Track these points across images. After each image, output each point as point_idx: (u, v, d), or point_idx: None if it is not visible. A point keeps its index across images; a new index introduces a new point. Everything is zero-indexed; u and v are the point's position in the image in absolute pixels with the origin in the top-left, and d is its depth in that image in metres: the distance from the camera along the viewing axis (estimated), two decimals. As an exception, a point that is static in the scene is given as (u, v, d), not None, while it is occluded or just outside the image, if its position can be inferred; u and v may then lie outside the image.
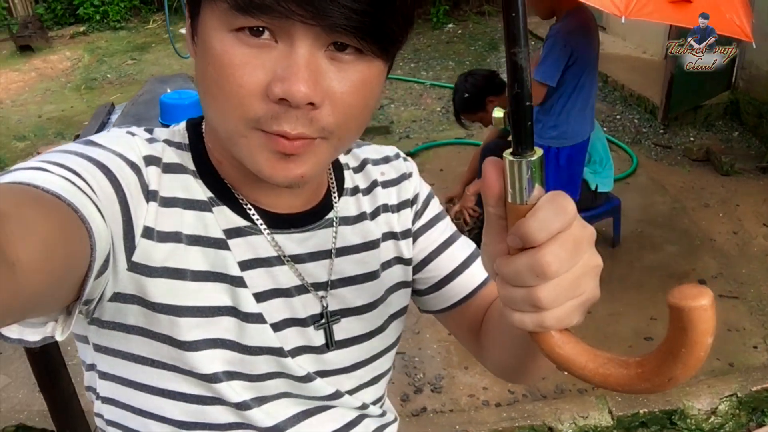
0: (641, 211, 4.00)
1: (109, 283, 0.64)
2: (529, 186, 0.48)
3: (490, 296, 0.89)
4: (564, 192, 0.49)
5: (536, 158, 0.48)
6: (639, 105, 5.45)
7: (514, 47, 0.46)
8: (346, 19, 0.56)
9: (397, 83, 6.59)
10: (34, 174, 0.54)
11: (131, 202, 0.64)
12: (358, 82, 0.62)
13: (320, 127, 0.62)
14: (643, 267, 3.47)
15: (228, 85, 0.59)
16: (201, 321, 0.69)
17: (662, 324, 2.76)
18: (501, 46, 7.73)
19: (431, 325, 3.08)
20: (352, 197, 0.85)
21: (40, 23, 8.76)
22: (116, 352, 0.70)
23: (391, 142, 5.17)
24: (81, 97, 6.69)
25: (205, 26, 0.61)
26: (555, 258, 0.47)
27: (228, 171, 0.74)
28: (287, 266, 0.76)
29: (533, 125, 0.48)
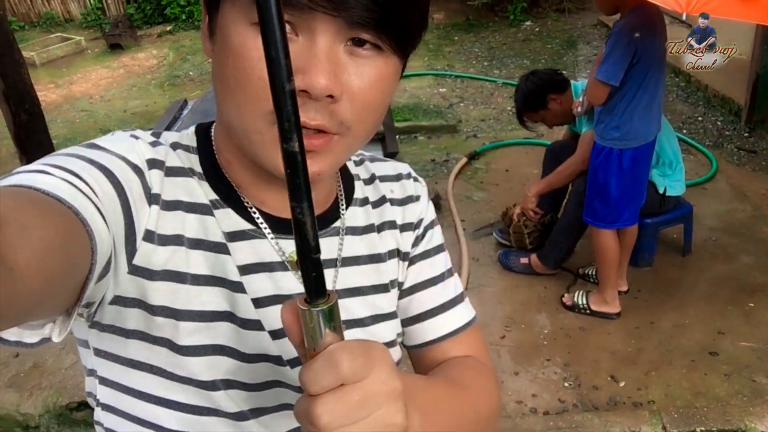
0: (717, 218, 3.78)
1: (110, 287, 0.64)
2: (320, 334, 0.48)
3: (449, 353, 0.87)
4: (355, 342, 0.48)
5: (325, 307, 0.48)
6: (723, 106, 5.16)
7: (294, 201, 0.45)
8: (368, 11, 0.57)
9: (468, 82, 6.52)
10: (35, 177, 0.55)
11: (133, 206, 0.64)
12: (376, 77, 0.62)
13: (339, 121, 0.62)
14: (714, 277, 3.28)
15: (247, 77, 0.60)
16: (200, 326, 0.69)
17: (730, 338, 2.64)
18: (579, 43, 7.51)
19: (484, 328, 3.02)
20: (361, 208, 0.84)
21: (129, 22, 9.23)
22: (116, 357, 0.70)
23: (458, 141, 5.12)
24: (164, 93, 6.99)
25: (225, 21, 0.61)
26: (325, 412, 0.46)
27: (237, 171, 0.73)
28: (291, 272, 0.75)
29: (322, 274, 0.48)
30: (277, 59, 0.42)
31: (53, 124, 6.31)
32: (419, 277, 0.87)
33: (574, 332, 2.99)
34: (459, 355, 0.87)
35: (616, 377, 2.70)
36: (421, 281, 0.87)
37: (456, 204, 4.05)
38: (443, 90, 6.33)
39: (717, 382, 2.63)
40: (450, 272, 0.91)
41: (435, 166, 4.67)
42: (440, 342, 0.87)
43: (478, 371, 0.84)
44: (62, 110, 6.79)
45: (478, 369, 0.85)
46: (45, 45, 8.84)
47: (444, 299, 0.88)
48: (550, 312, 3.13)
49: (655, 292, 3.20)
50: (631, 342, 2.90)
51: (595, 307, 3.05)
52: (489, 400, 0.81)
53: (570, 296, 3.15)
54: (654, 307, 3.10)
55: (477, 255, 3.58)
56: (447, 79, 6.63)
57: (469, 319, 0.89)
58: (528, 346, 2.92)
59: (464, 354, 0.87)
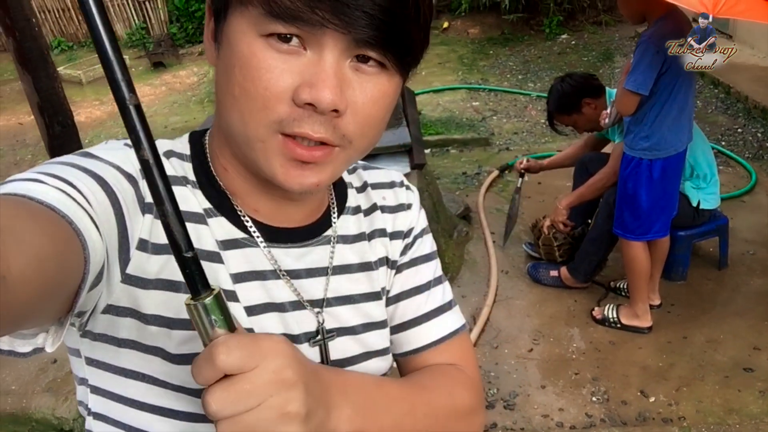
0: (755, 232, 3.68)
1: (103, 295, 0.64)
2: (209, 325, 0.51)
3: (432, 361, 0.86)
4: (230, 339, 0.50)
5: (207, 300, 0.51)
6: (764, 117, 5.03)
7: (156, 205, 0.49)
8: (376, 30, 0.58)
9: (502, 95, 6.51)
10: (29, 185, 0.55)
11: (127, 214, 0.64)
12: (378, 93, 0.64)
13: (341, 135, 0.63)
14: (750, 292, 3.19)
15: (254, 87, 0.61)
16: (193, 334, 0.67)
17: (765, 354, 2.57)
18: (616, 56, 7.43)
19: (511, 341, 3.00)
20: (353, 216, 0.84)
21: (172, 41, 9.52)
22: (108, 366, 0.69)
23: (490, 154, 5.11)
24: (203, 110, 7.17)
25: (233, 30, 0.62)
26: (213, 400, 0.49)
27: (233, 179, 0.74)
28: (283, 281, 0.75)
29: (200, 270, 0.51)
30: (116, 79, 0.45)
31: (97, 140, 6.54)
32: (405, 285, 0.87)
33: (604, 346, 2.94)
34: (441, 363, 0.87)
35: (645, 392, 2.64)
36: (407, 289, 0.87)
37: (486, 216, 4.04)
38: (476, 103, 6.33)
39: (751, 399, 2.55)
40: (438, 280, 0.90)
41: (466, 178, 4.67)
42: (423, 351, 0.87)
43: (449, 375, 0.84)
44: (106, 126, 7.02)
45: (449, 373, 0.85)
46: (91, 64, 9.16)
47: (429, 308, 0.88)
48: (580, 325, 3.09)
49: (689, 307, 3.13)
50: (663, 357, 2.84)
51: (625, 320, 3.00)
52: (449, 401, 0.80)
53: (600, 309, 3.10)
54: (687, 321, 3.03)
55: (506, 267, 3.56)
56: (480, 92, 6.64)
57: (455, 328, 0.89)
58: (556, 360, 2.89)
59: (447, 363, 0.87)
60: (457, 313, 0.91)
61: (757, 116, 5.14)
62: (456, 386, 0.83)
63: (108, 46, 0.45)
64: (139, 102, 0.47)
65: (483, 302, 3.24)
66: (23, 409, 2.78)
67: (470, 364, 0.89)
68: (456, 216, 3.86)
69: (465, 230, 3.87)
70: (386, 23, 0.59)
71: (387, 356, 0.85)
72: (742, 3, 2.15)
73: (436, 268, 0.91)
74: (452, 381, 0.83)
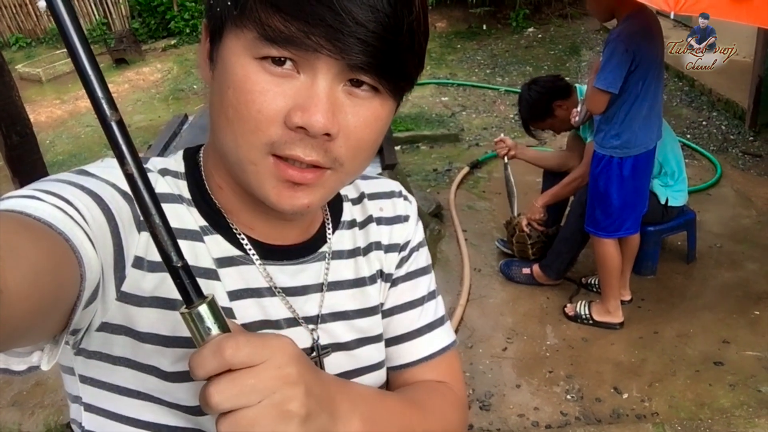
0: (722, 224, 3.75)
1: (98, 313, 0.64)
2: (205, 333, 0.51)
3: (421, 377, 0.87)
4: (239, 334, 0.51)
5: (203, 307, 0.51)
6: (727, 110, 5.12)
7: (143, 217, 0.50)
8: (371, 56, 0.59)
9: (471, 90, 6.52)
10: (26, 202, 0.55)
11: (123, 232, 0.64)
12: (371, 117, 0.64)
13: (333, 158, 0.63)
14: (719, 285, 3.24)
15: (247, 109, 0.61)
16: (188, 352, 0.67)
17: (735, 348, 2.61)
18: (582, 49, 7.49)
19: (486, 340, 3.01)
20: (348, 231, 0.84)
21: (134, 37, 9.30)
22: (102, 384, 0.70)
23: (460, 150, 5.11)
24: (168, 107, 7.03)
25: (228, 51, 0.62)
26: (216, 391, 0.49)
27: (227, 197, 0.74)
28: (278, 298, 0.76)
29: (192, 278, 0.51)
30: (97, 98, 0.46)
31: (59, 140, 6.37)
32: (399, 299, 0.88)
33: (577, 343, 2.96)
34: (430, 379, 0.87)
35: (619, 389, 2.67)
36: (400, 304, 0.88)
37: (458, 214, 4.04)
38: (445, 99, 6.33)
39: (722, 393, 2.59)
40: (432, 295, 0.90)
41: (437, 175, 4.66)
42: (413, 366, 0.87)
43: (441, 395, 0.85)
44: (68, 126, 6.84)
45: (441, 393, 0.85)
46: (51, 61, 8.92)
47: (421, 323, 0.88)
48: (553, 323, 3.11)
49: (659, 301, 3.17)
50: (635, 352, 2.87)
51: (597, 317, 3.03)
52: (443, 424, 0.81)
53: (572, 306, 3.12)
54: (658, 316, 3.07)
55: (479, 265, 3.56)
56: (449, 87, 6.63)
57: (445, 345, 0.89)
58: (530, 358, 2.90)
59: (435, 379, 0.87)
60: (448, 329, 0.91)
61: (721, 109, 5.22)
62: (448, 407, 0.84)
63: (86, 63, 0.45)
64: (121, 117, 0.47)
65: (456, 301, 3.23)
66: (-14, 425, 2.69)
67: (458, 382, 0.90)
68: (428, 214, 3.84)
69: (437, 229, 3.86)
70: (380, 50, 0.59)
71: (381, 370, 0.86)
72: (703, 1, 2.16)
73: (431, 282, 0.91)
74: (444, 401, 0.84)
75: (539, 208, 3.28)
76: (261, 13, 0.58)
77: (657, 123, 2.77)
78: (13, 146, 1.69)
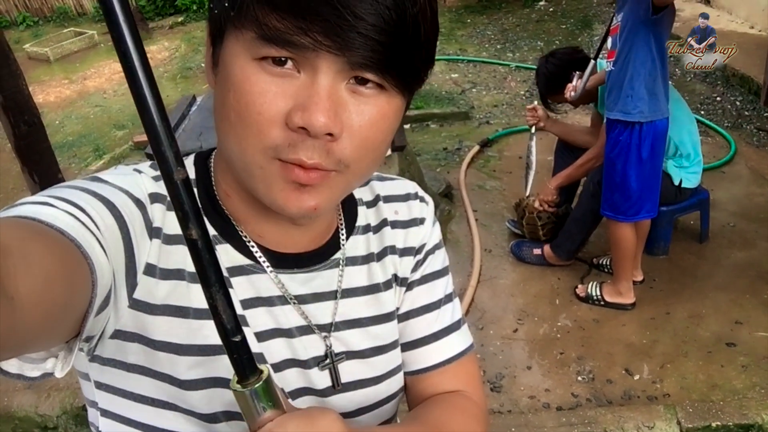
0: (736, 203, 3.70)
1: (110, 320, 0.64)
2: (257, 412, 0.50)
3: (439, 386, 0.86)
4: (289, 421, 0.50)
5: (257, 386, 0.50)
6: (742, 86, 5.04)
7: (204, 287, 0.47)
8: (372, 52, 0.57)
9: (481, 66, 6.43)
10: (39, 209, 0.55)
11: (135, 239, 0.64)
12: (377, 116, 0.62)
13: (337, 159, 0.62)
14: (732, 265, 3.22)
15: (248, 112, 0.60)
16: (202, 360, 0.69)
17: (747, 328, 2.59)
18: (595, 23, 7.37)
19: (496, 321, 3.01)
20: (362, 236, 0.83)
21: (141, 15, 9.22)
22: (117, 390, 0.70)
23: (470, 128, 5.07)
24: (176, 86, 6.99)
25: (228, 54, 0.61)
26: None
27: (236, 205, 0.74)
28: (290, 306, 0.75)
29: (249, 354, 0.49)
30: (162, 151, 0.43)
31: (68, 120, 6.37)
32: (415, 303, 0.87)
33: (588, 324, 2.96)
34: (447, 388, 0.86)
35: (630, 370, 2.67)
36: (417, 307, 0.87)
37: (468, 193, 4.02)
38: (455, 75, 6.26)
39: (734, 375, 2.59)
40: (449, 298, 0.89)
41: (447, 154, 4.63)
42: (430, 371, 0.86)
43: (462, 410, 0.84)
44: (76, 106, 6.83)
45: (461, 408, 0.84)
46: (59, 40, 8.88)
47: (438, 327, 0.87)
48: (564, 304, 3.10)
49: (671, 282, 3.15)
50: (646, 333, 2.86)
51: (609, 298, 3.02)
52: None
53: (584, 287, 3.11)
54: (669, 297, 3.05)
55: (489, 246, 3.55)
56: (459, 64, 6.55)
57: (463, 349, 0.88)
58: (541, 340, 2.90)
59: (453, 388, 0.86)
60: (466, 333, 0.90)
61: (736, 84, 5.14)
62: (471, 422, 0.83)
63: (155, 113, 0.42)
64: (188, 175, 0.44)
65: (467, 282, 3.23)
66: (5, 408, 2.73)
67: (477, 388, 0.89)
68: (438, 194, 3.83)
69: (447, 209, 3.84)
70: (383, 44, 0.57)
71: (399, 375, 0.85)
72: None
73: (447, 284, 0.90)
74: (466, 417, 0.83)
75: (552, 190, 3.25)
76: (258, 12, 0.56)
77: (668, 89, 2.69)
78: (22, 135, 1.68)
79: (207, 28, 0.67)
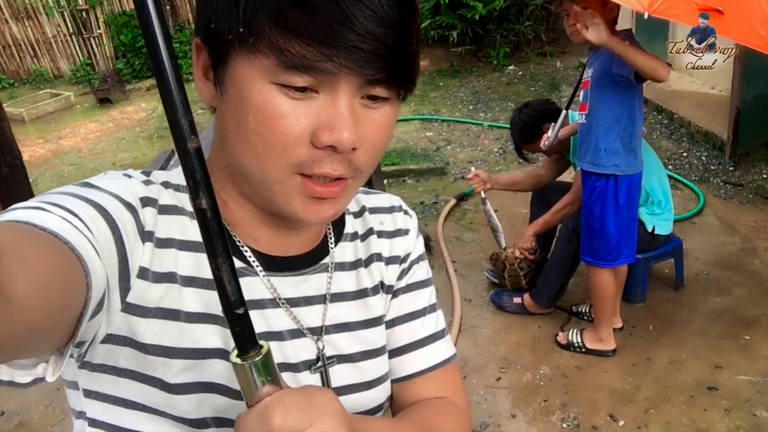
0: (707, 252, 3.78)
1: (103, 325, 0.64)
2: (255, 386, 0.50)
3: (425, 392, 0.87)
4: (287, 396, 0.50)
5: (257, 359, 0.49)
6: (707, 142, 5.22)
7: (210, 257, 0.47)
8: (387, 70, 0.61)
9: (455, 125, 6.59)
10: (32, 213, 0.55)
11: (127, 243, 0.64)
12: (385, 123, 0.67)
13: (355, 167, 0.66)
14: (708, 311, 3.26)
15: (272, 134, 0.62)
16: (192, 363, 0.69)
17: (728, 372, 2.60)
18: (562, 85, 7.63)
19: (479, 370, 2.98)
20: (350, 243, 0.85)
21: (119, 77, 9.33)
22: (106, 397, 0.69)
23: (446, 183, 5.14)
24: (153, 145, 7.01)
25: (241, 77, 0.62)
26: None
27: (232, 212, 0.75)
28: (282, 309, 0.76)
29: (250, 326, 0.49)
30: (178, 121, 0.44)
31: (42, 178, 6.31)
32: (401, 310, 0.88)
33: (571, 371, 2.94)
34: (433, 395, 0.87)
35: (615, 416, 2.65)
36: (402, 314, 0.88)
37: (446, 245, 4.04)
38: (430, 134, 6.39)
39: (717, 418, 2.58)
40: (433, 308, 0.91)
41: (424, 208, 4.67)
42: (415, 378, 0.87)
43: (448, 414, 0.85)
44: (51, 164, 6.79)
45: (448, 411, 0.85)
46: (34, 101, 8.90)
47: (424, 334, 0.88)
48: (546, 351, 3.09)
49: (650, 328, 3.17)
50: (629, 379, 2.86)
51: (590, 345, 3.02)
52: None
53: (564, 335, 3.11)
54: (649, 343, 3.07)
55: (469, 296, 3.55)
56: (434, 123, 6.70)
57: (447, 357, 0.89)
58: (524, 388, 2.87)
59: (438, 394, 0.87)
60: (449, 342, 0.91)
61: (701, 140, 5.33)
62: (457, 426, 0.84)
63: (173, 82, 0.44)
64: (200, 145, 0.45)
65: (448, 332, 3.20)
66: None
67: (460, 395, 0.90)
68: (417, 246, 3.84)
69: (426, 260, 3.84)
70: (394, 60, 0.61)
71: (386, 383, 0.85)
72: (678, 7, 2.22)
73: (431, 295, 0.91)
74: (451, 420, 0.84)
75: (530, 237, 3.29)
76: (278, 38, 0.58)
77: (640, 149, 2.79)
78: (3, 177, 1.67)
79: (197, 41, 0.67)
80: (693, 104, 5.76)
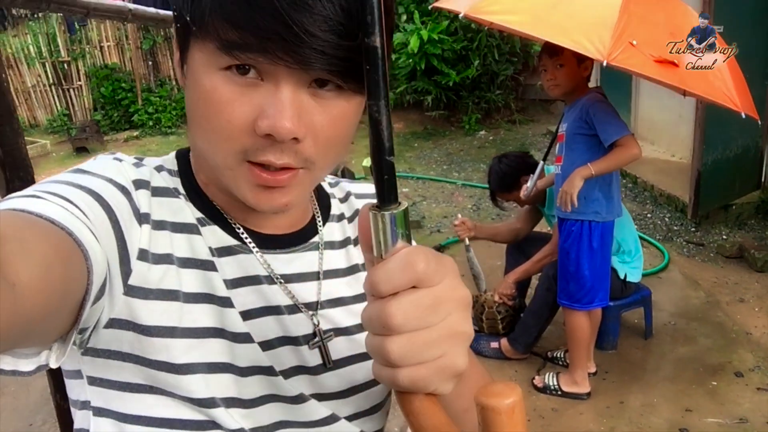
0: (674, 304, 3.95)
1: (105, 309, 0.64)
2: (391, 239, 0.47)
3: None
4: (427, 248, 0.48)
5: (398, 212, 0.47)
6: (669, 204, 5.50)
7: (371, 99, 0.46)
8: (329, 65, 0.59)
9: (430, 183, 6.80)
10: (29, 201, 0.56)
11: (124, 226, 0.65)
12: (338, 116, 0.65)
13: (304, 158, 0.65)
14: (676, 359, 3.39)
15: (217, 120, 0.63)
16: (194, 342, 0.70)
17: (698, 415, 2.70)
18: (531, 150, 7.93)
19: (458, 411, 3.02)
20: (337, 223, 0.88)
21: (97, 127, 9.41)
22: (111, 383, 0.69)
23: (422, 235, 5.28)
24: (129, 194, 7.03)
25: (195, 63, 0.64)
26: (399, 311, 0.45)
27: (215, 194, 0.77)
28: (277, 285, 0.77)
29: (395, 178, 0.48)
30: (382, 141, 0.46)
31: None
32: None
33: (547, 413, 3.02)
34: None
35: (591, 456, 2.72)
36: None
37: (424, 294, 4.12)
38: (406, 190, 6.57)
39: (689, 457, 2.67)
40: None
41: (402, 259, 4.77)
42: None
43: None
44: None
45: None
46: (9, 148, 8.86)
47: None
48: (523, 394, 3.13)
49: (622, 374, 3.28)
50: (603, 421, 2.94)
51: (566, 387, 3.11)
52: None
53: (541, 378, 3.20)
54: (622, 388, 3.17)
55: (447, 341, 3.62)
56: (409, 180, 6.91)
57: None
58: (503, 428, 2.92)
59: None
60: None
61: (663, 203, 5.60)
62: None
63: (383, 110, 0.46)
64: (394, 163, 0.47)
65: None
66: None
67: None
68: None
69: (405, 306, 3.92)
70: (338, 57, 0.59)
71: None
72: (635, 57, 2.33)
73: None
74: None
75: (510, 284, 3.42)
76: (218, 27, 0.59)
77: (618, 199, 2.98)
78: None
79: (174, 27, 0.69)
80: (655, 170, 6.07)
